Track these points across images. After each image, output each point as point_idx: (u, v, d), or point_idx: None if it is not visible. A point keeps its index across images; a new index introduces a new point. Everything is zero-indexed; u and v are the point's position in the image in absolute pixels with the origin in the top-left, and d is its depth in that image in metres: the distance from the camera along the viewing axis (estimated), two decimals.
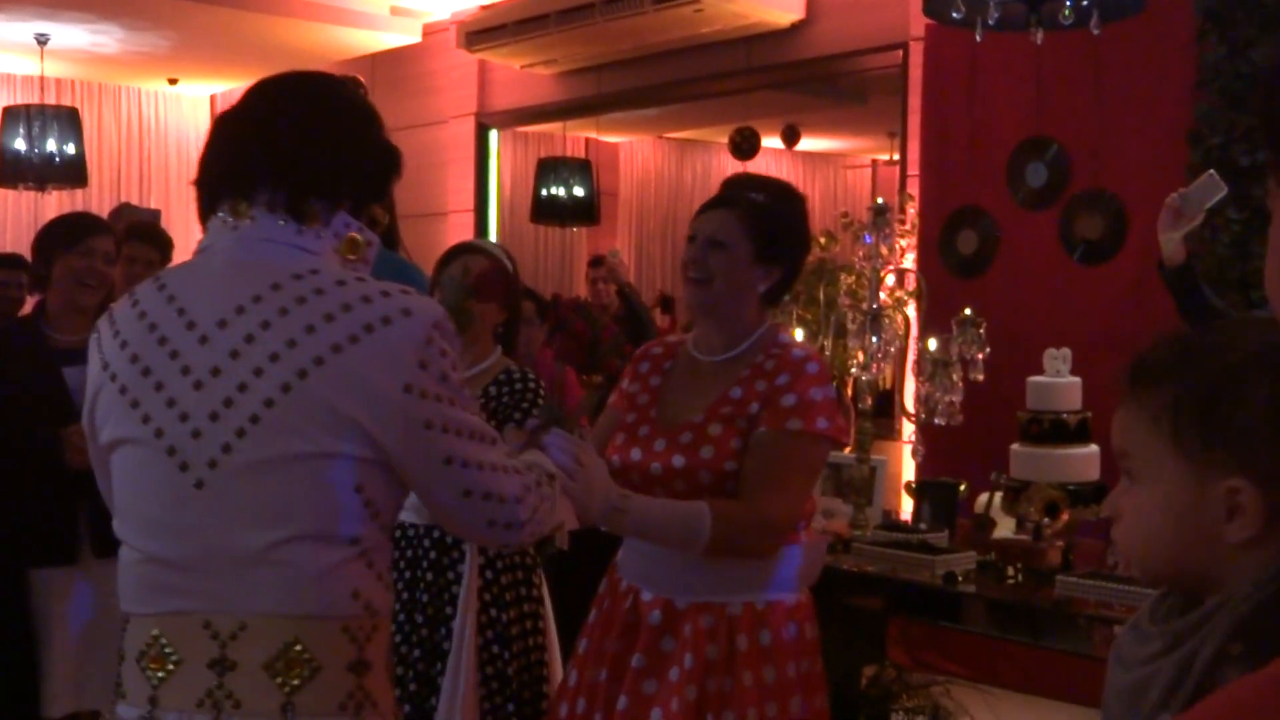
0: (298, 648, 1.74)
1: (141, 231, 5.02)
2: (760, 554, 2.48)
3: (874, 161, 10.85)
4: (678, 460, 2.49)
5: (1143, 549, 1.32)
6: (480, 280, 3.07)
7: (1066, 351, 4.07)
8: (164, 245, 5.38)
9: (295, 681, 1.73)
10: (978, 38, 3.94)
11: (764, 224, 2.57)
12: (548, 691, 3.15)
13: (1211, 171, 3.98)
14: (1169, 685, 1.23)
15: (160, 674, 1.76)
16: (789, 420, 2.44)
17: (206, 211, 1.89)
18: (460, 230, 8.54)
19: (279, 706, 1.73)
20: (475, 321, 3.03)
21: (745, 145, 9.33)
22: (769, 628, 2.47)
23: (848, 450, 4.82)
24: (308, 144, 1.85)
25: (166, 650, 1.76)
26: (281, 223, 1.81)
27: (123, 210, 7.22)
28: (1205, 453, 1.24)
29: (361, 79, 8.28)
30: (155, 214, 7.08)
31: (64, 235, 3.74)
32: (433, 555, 3.16)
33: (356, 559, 1.78)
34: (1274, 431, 1.21)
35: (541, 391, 3.21)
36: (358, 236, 1.86)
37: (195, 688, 1.74)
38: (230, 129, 1.90)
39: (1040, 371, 4.11)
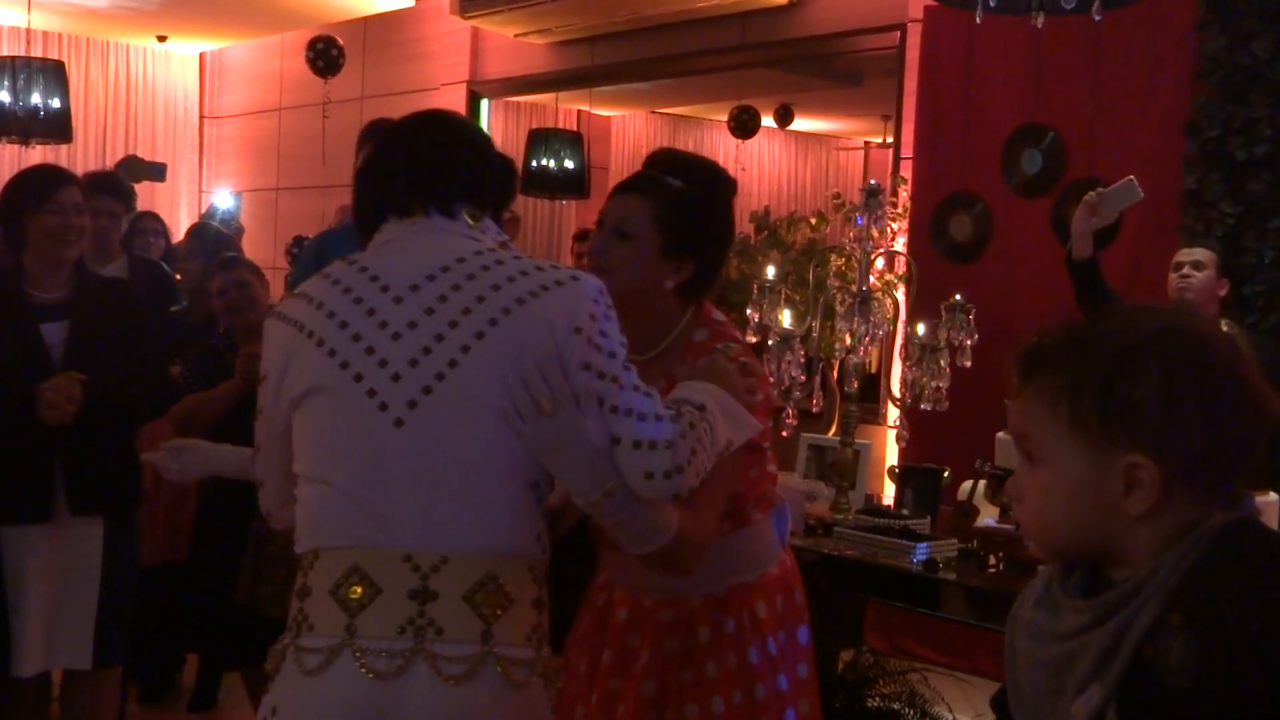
0: (495, 582, 1.87)
1: (104, 184, 4.97)
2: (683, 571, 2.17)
3: (866, 144, 10.81)
4: None
5: (1047, 526, 1.39)
6: None
7: None
8: (126, 196, 5.32)
9: (495, 611, 1.86)
10: (978, 19, 3.88)
11: (678, 215, 2.32)
12: None
13: (1131, 177, 4.12)
14: (1101, 656, 1.29)
15: (358, 603, 1.85)
16: None
17: (372, 225, 2.08)
18: None
19: (479, 634, 1.85)
20: None
21: (748, 123, 9.27)
22: (732, 615, 2.36)
23: (831, 433, 4.78)
24: (452, 161, 2.08)
25: (365, 581, 1.85)
26: (454, 220, 2.04)
27: (129, 162, 7.15)
28: (1103, 432, 1.31)
29: (338, 40, 8.23)
30: (161, 167, 7.01)
31: (31, 194, 3.62)
32: None
33: (537, 504, 1.94)
34: (1167, 409, 1.29)
35: None
36: (506, 243, 2.09)
37: (396, 616, 1.84)
38: (388, 157, 2.12)
39: None
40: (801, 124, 10.46)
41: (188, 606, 4.52)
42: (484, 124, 8.53)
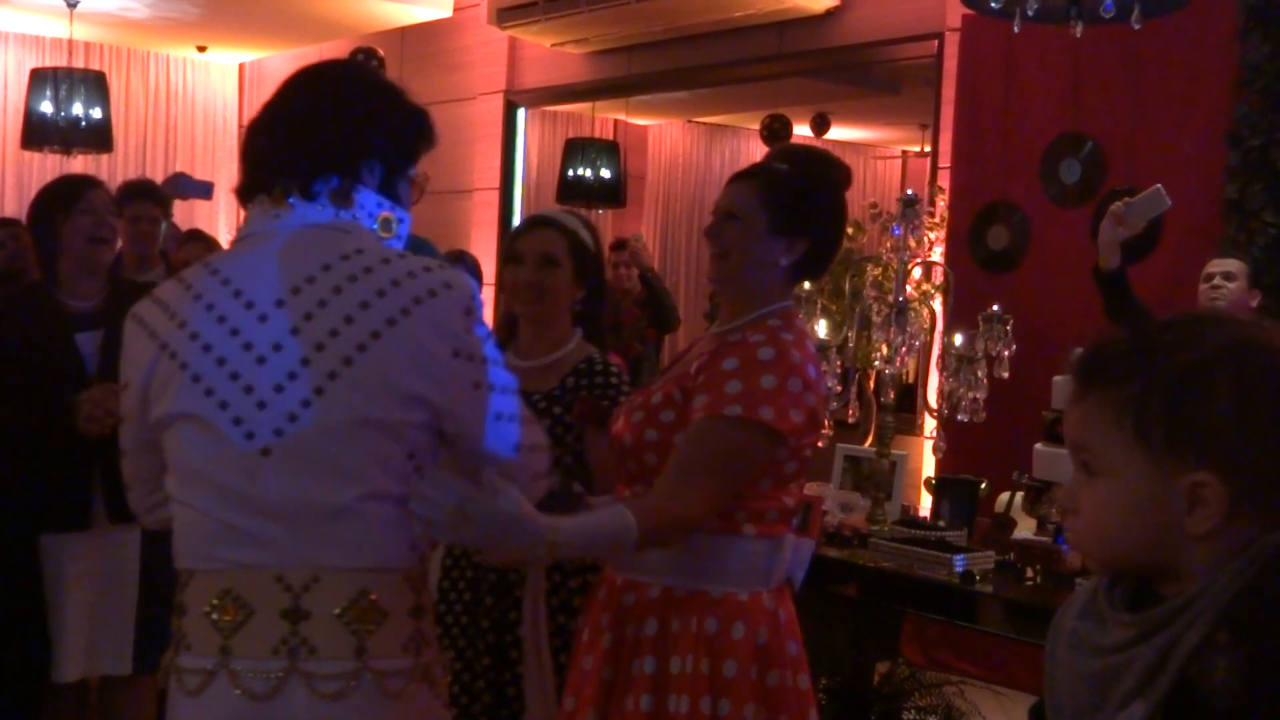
0: (370, 597, 1.86)
1: (142, 190, 5.00)
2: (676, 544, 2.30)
3: (904, 153, 10.77)
4: (635, 424, 2.44)
5: (1102, 541, 1.35)
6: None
7: None
8: (165, 202, 5.34)
9: (369, 627, 1.86)
10: (1016, 28, 3.86)
11: (782, 194, 2.44)
12: None
13: (1158, 186, 4.07)
14: (1146, 672, 1.25)
15: (232, 625, 1.85)
16: (727, 406, 2.26)
17: (246, 201, 2.01)
18: (485, 209, 8.49)
19: (353, 650, 1.85)
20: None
21: (780, 132, 9.25)
22: (680, 616, 2.34)
23: (868, 443, 4.76)
24: (316, 130, 1.97)
25: (239, 603, 1.85)
26: (320, 207, 1.94)
27: (178, 179, 7.18)
28: (1169, 448, 1.26)
29: (378, 51, 8.26)
30: (209, 185, 7.04)
31: (62, 197, 3.63)
32: None
33: (406, 516, 1.89)
34: (1238, 426, 1.24)
35: (625, 390, 2.87)
36: (390, 215, 2.01)
37: (269, 636, 1.84)
38: (255, 128, 2.02)
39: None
40: (839, 133, 10.43)
41: None
42: (520, 133, 8.55)
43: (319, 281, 1.87)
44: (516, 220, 8.51)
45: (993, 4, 3.76)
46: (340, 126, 1.98)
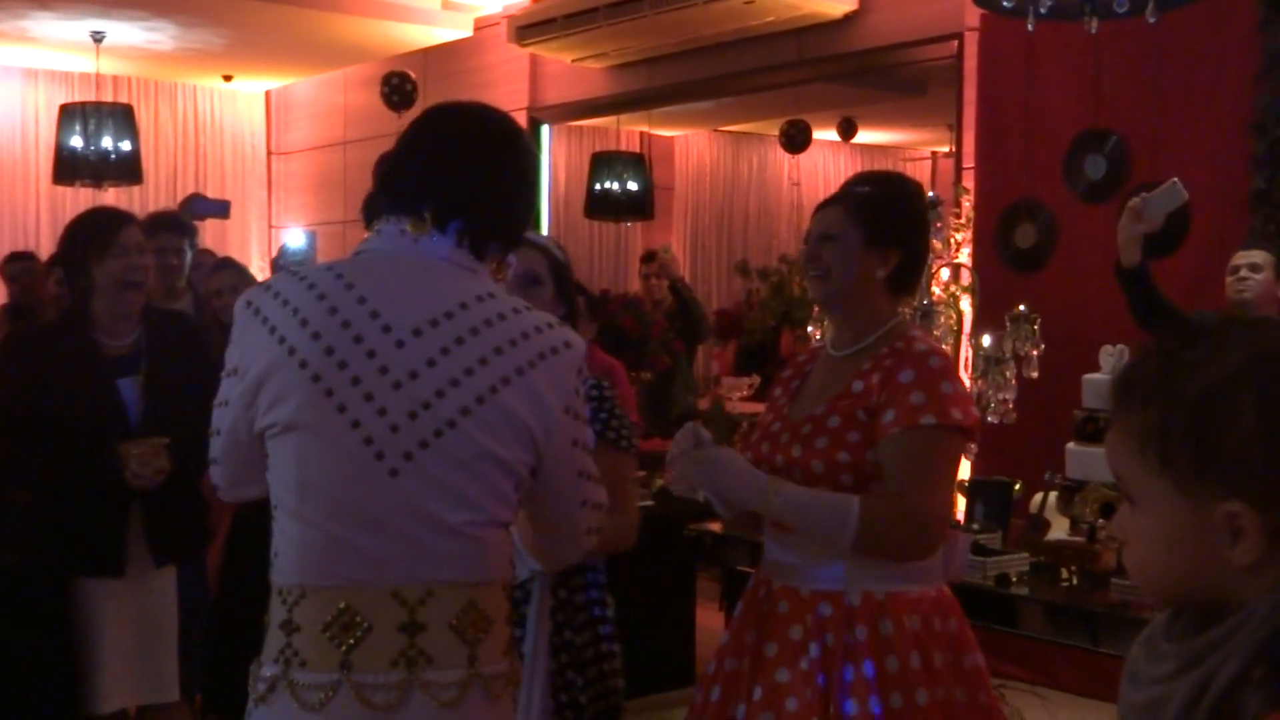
0: (478, 607, 1.97)
1: (165, 222, 5.04)
2: (916, 555, 2.48)
3: (934, 154, 10.73)
4: (796, 451, 2.54)
5: (1151, 575, 1.28)
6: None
7: (1123, 348, 3.97)
8: (191, 233, 5.38)
9: (479, 635, 1.96)
10: (1029, 27, 3.85)
11: (870, 211, 2.60)
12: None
13: (1175, 180, 4.04)
14: (1184, 707, 1.19)
15: (352, 640, 1.91)
16: (922, 416, 2.44)
17: (378, 208, 2.08)
18: None
19: (466, 658, 1.95)
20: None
21: (796, 138, 9.24)
22: (890, 618, 2.47)
23: None
24: (507, 195, 2.10)
25: (357, 619, 1.92)
26: (454, 243, 2.03)
27: (194, 201, 7.24)
28: (1198, 478, 1.19)
29: (411, 74, 8.31)
30: (225, 204, 7.07)
31: (94, 237, 3.61)
32: None
33: (509, 535, 2.06)
34: (1265, 450, 1.16)
35: (608, 398, 2.91)
36: (505, 260, 2.18)
37: (388, 649, 1.91)
38: (434, 146, 2.09)
39: (1097, 369, 4.00)
40: (867, 136, 10.41)
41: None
42: (545, 149, 8.58)
43: (457, 319, 1.97)
44: (545, 234, 8.52)
45: (1005, 3, 3.74)
46: (506, 179, 2.09)
